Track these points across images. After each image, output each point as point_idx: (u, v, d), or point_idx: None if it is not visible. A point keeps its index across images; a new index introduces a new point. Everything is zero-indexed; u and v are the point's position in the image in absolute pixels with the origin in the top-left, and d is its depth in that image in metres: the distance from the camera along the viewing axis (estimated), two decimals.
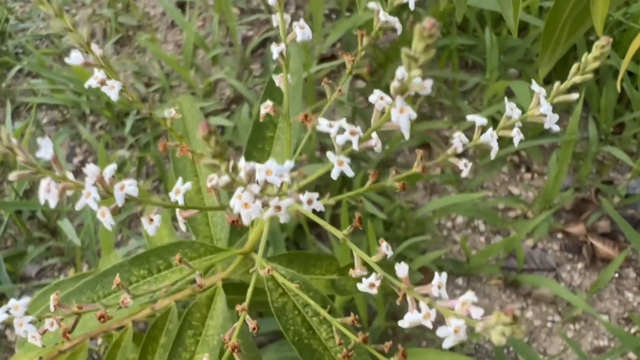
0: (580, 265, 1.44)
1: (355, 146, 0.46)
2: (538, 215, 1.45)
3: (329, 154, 0.49)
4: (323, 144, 1.58)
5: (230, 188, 0.38)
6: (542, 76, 1.33)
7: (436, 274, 0.46)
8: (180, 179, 0.49)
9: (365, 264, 0.54)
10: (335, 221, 1.52)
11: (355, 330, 0.65)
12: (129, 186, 0.44)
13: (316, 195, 0.48)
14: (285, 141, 0.74)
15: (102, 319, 0.57)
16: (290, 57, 0.83)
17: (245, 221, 0.40)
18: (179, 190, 0.48)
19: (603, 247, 1.43)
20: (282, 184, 0.44)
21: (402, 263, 0.45)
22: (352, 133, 0.46)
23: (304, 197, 0.48)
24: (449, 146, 0.64)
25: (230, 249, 0.73)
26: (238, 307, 0.58)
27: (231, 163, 0.36)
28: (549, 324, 1.37)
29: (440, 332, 0.40)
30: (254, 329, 0.58)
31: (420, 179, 1.51)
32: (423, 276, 0.89)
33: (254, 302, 0.90)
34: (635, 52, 1.18)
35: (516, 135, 0.59)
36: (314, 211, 0.50)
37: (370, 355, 0.68)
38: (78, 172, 1.80)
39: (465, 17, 1.73)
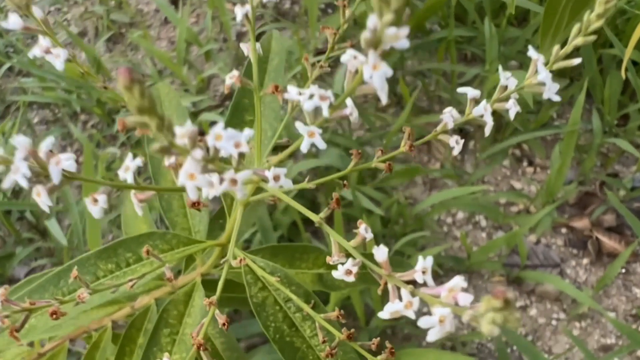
0: (585, 261, 1.37)
1: (325, 112, 0.40)
2: (541, 209, 1.39)
3: (297, 124, 0.43)
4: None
5: (166, 153, 0.32)
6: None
7: (420, 257, 0.40)
8: (130, 155, 0.43)
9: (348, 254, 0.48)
10: (331, 218, 1.46)
11: (341, 327, 0.59)
12: (66, 161, 0.39)
13: (284, 170, 0.42)
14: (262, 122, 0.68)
15: (54, 316, 0.50)
16: (273, 38, 0.77)
17: (192, 196, 0.34)
18: (128, 167, 0.42)
19: (609, 242, 1.36)
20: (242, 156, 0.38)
21: (381, 246, 0.39)
22: (322, 98, 0.40)
23: (269, 173, 0.42)
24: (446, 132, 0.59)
25: (204, 241, 0.67)
26: (206, 301, 0.52)
27: (166, 122, 0.30)
28: (553, 322, 1.31)
29: (423, 322, 0.34)
30: (223, 324, 0.52)
31: (418, 174, 1.45)
32: None
33: (241, 300, 0.84)
34: (639, 40, 1.12)
35: (512, 107, 0.53)
36: (307, 207, 0.43)
37: (358, 354, 0.62)
38: None
39: (463, 8, 1.67)
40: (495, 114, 1.58)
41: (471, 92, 0.54)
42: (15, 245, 1.57)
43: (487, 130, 0.55)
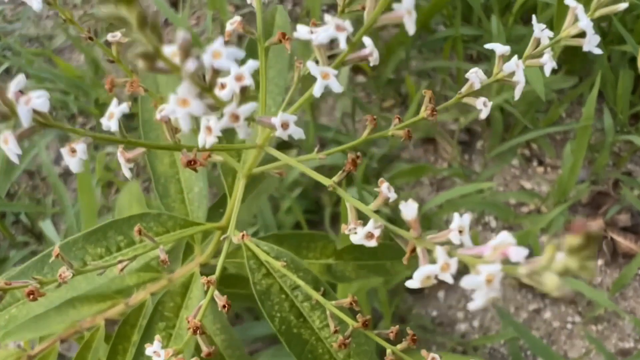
0: (600, 262, 1.30)
1: (343, 44, 0.34)
2: (553, 209, 1.32)
3: (309, 64, 0.36)
4: (323, 138, 1.46)
5: (150, 64, 0.25)
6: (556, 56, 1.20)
7: (456, 214, 0.33)
8: (114, 100, 0.37)
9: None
10: (335, 220, 1.40)
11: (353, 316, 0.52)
12: (37, 99, 0.32)
13: (293, 117, 0.35)
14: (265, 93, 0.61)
15: (31, 296, 0.44)
16: (277, 12, 0.71)
17: (184, 127, 0.27)
18: (112, 114, 0.36)
19: (624, 242, 1.29)
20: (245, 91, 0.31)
21: (410, 201, 0.33)
22: (339, 28, 0.34)
23: (276, 119, 0.35)
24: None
25: (203, 223, 0.60)
26: (203, 280, 0.45)
27: (151, 20, 0.24)
28: (569, 325, 1.23)
29: (467, 282, 0.28)
30: (224, 306, 0.45)
31: (425, 173, 1.38)
32: None
33: (243, 296, 0.77)
34: None
35: (548, 62, 0.46)
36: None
37: (373, 345, 0.55)
38: (67, 175, 1.68)
39: (468, 7, 1.62)
40: (503, 111, 1.52)
41: (500, 48, 0.48)
42: (10, 249, 1.50)
43: (518, 93, 0.49)
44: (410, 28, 0.33)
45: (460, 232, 0.32)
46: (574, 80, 1.51)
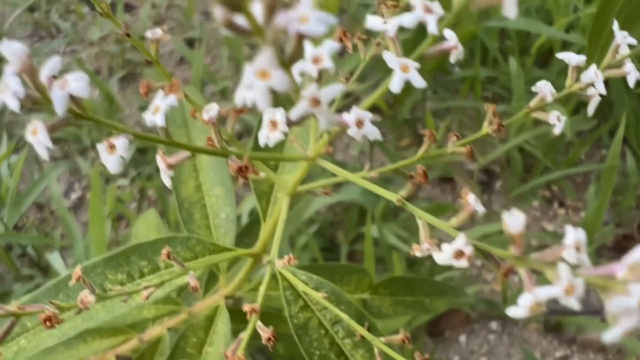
0: None
1: (433, 28, 0.28)
2: None
3: (386, 55, 0.31)
4: None
5: (230, 20, 0.20)
6: None
7: (569, 227, 0.27)
8: (160, 92, 0.31)
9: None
10: (353, 258, 1.33)
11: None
12: (75, 82, 0.27)
13: (369, 115, 0.30)
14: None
15: (48, 323, 0.37)
16: None
17: (262, 102, 0.21)
18: (158, 108, 0.30)
19: None
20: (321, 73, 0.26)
21: (514, 210, 0.27)
22: (427, 10, 0.28)
23: (350, 116, 0.30)
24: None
25: (235, 249, 0.54)
26: (247, 308, 0.39)
27: None
28: None
29: (614, 306, 0.21)
30: (269, 339, 0.39)
31: (445, 212, 1.32)
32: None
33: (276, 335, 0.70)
34: None
35: (632, 71, 0.41)
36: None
37: None
38: (76, 208, 1.62)
39: (485, 48, 1.59)
40: (523, 151, 1.46)
41: (575, 57, 0.43)
42: (14, 282, 1.42)
43: (593, 107, 0.44)
44: (512, 11, 0.28)
45: (577, 249, 0.26)
46: (593, 122, 1.47)
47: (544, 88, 0.43)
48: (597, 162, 1.45)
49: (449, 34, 0.31)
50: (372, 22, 0.31)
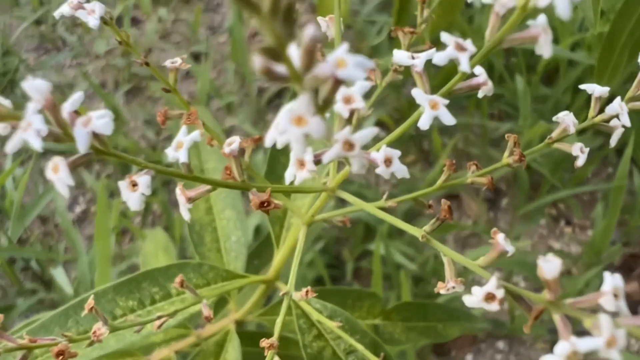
0: None
1: (465, 67, 0.27)
2: (584, 271, 1.24)
3: (415, 91, 0.30)
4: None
5: (268, 68, 0.19)
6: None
7: (607, 274, 0.26)
8: (184, 127, 0.30)
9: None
10: (358, 275, 1.32)
11: None
12: (99, 119, 0.26)
13: (398, 152, 0.29)
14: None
15: (60, 357, 0.36)
16: None
17: (298, 151, 0.21)
18: (181, 144, 0.30)
19: None
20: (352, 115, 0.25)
21: (550, 255, 0.26)
22: (460, 48, 0.27)
23: (379, 155, 0.29)
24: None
25: (248, 275, 0.53)
26: (264, 343, 0.38)
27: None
28: None
29: None
30: None
31: (451, 230, 1.31)
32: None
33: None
34: None
35: None
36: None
37: None
38: (80, 221, 1.61)
39: (491, 66, 1.59)
40: (530, 169, 1.45)
41: (598, 89, 0.42)
42: (17, 296, 1.41)
43: (616, 138, 0.43)
44: (546, 51, 0.27)
45: (616, 296, 0.25)
46: (600, 141, 1.46)
47: (567, 119, 0.42)
48: (604, 180, 1.44)
49: (478, 70, 0.30)
50: (399, 56, 0.30)
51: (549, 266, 0.25)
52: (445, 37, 0.28)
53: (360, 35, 1.71)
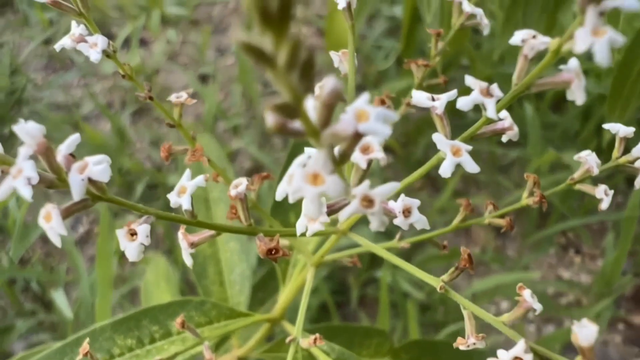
0: None
1: (491, 113, 0.25)
2: (594, 302, 1.21)
3: (436, 137, 0.28)
4: None
5: (283, 124, 0.17)
6: (608, 139, 1.13)
7: None
8: (187, 171, 0.28)
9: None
10: (363, 302, 1.29)
11: None
12: (96, 165, 0.24)
13: (417, 202, 0.27)
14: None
15: None
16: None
17: (313, 210, 0.18)
18: (184, 189, 0.27)
19: None
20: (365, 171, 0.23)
21: (585, 320, 0.23)
22: (486, 93, 0.25)
23: (397, 204, 0.27)
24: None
25: (253, 314, 0.51)
26: None
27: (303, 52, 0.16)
28: None
29: None
30: None
31: (459, 257, 1.28)
32: None
33: None
34: None
35: None
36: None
37: None
38: (83, 242, 1.59)
39: None
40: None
41: (623, 129, 0.40)
42: (17, 317, 1.38)
43: (639, 183, 0.40)
44: (579, 97, 0.25)
45: None
46: (609, 170, 1.43)
47: (590, 160, 0.40)
48: (614, 209, 1.41)
49: (504, 114, 0.28)
50: (418, 97, 0.28)
51: (585, 333, 0.23)
52: (470, 80, 0.26)
53: (367, 60, 1.70)
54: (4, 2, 2.17)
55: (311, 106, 0.17)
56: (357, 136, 0.19)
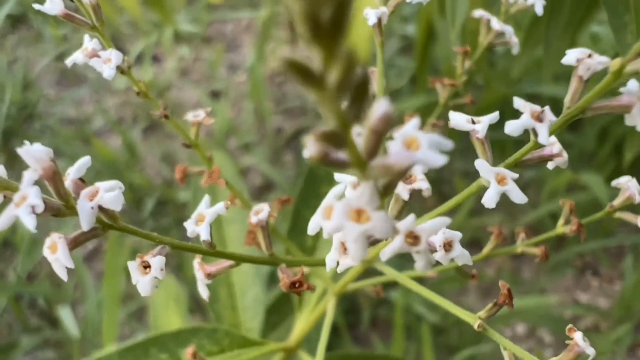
0: None
1: (543, 138, 0.23)
2: (613, 326, 1.17)
3: (479, 164, 0.25)
4: None
5: (326, 153, 0.15)
6: (629, 160, 1.10)
7: None
8: (206, 197, 0.26)
9: None
10: (375, 323, 1.25)
11: None
12: (107, 192, 0.21)
13: (459, 235, 0.24)
14: None
15: None
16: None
17: (358, 253, 0.16)
18: (203, 217, 0.25)
19: None
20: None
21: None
22: (538, 118, 0.23)
23: (437, 238, 0.24)
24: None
25: (267, 342, 0.48)
26: None
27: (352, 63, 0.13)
28: None
29: None
30: None
31: (469, 280, 1.25)
32: None
33: None
34: None
35: None
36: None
37: None
38: (91, 258, 1.57)
39: (515, 111, 1.54)
40: (555, 218, 1.38)
41: None
42: (22, 334, 1.36)
43: None
44: (639, 123, 0.22)
45: None
46: None
47: (631, 186, 0.37)
48: (633, 230, 1.38)
49: (552, 139, 0.26)
50: (457, 119, 0.26)
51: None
52: (519, 103, 0.23)
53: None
54: (19, 19, 2.17)
55: (356, 133, 0.15)
56: (403, 173, 0.16)
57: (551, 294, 1.28)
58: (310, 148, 0.14)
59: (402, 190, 0.20)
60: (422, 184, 0.20)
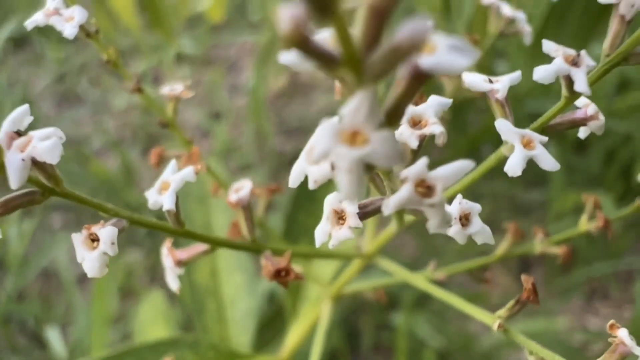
0: None
1: (581, 86, 0.19)
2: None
3: (500, 124, 0.21)
4: None
5: (300, 42, 0.10)
6: None
7: None
8: (173, 162, 0.21)
9: None
10: (378, 348, 1.19)
11: None
12: (42, 141, 0.17)
13: (477, 206, 0.20)
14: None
15: None
16: None
17: (350, 187, 0.11)
18: (167, 184, 0.20)
19: None
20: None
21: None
22: (572, 61, 0.19)
23: (452, 207, 0.19)
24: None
25: (256, 356, 0.43)
26: None
27: None
28: None
29: None
30: None
31: (478, 302, 1.19)
32: None
33: None
34: None
35: None
36: None
37: None
38: (84, 278, 1.51)
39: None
40: (563, 240, 1.32)
41: None
42: (11, 355, 1.30)
43: None
44: None
45: None
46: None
47: None
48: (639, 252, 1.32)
49: (582, 100, 0.21)
50: (472, 79, 0.21)
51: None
52: (549, 46, 0.19)
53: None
54: (21, 41, 2.16)
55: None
56: (421, 76, 0.12)
57: (559, 317, 1.22)
58: (284, 19, 0.09)
59: (411, 137, 0.16)
60: (435, 127, 0.16)
